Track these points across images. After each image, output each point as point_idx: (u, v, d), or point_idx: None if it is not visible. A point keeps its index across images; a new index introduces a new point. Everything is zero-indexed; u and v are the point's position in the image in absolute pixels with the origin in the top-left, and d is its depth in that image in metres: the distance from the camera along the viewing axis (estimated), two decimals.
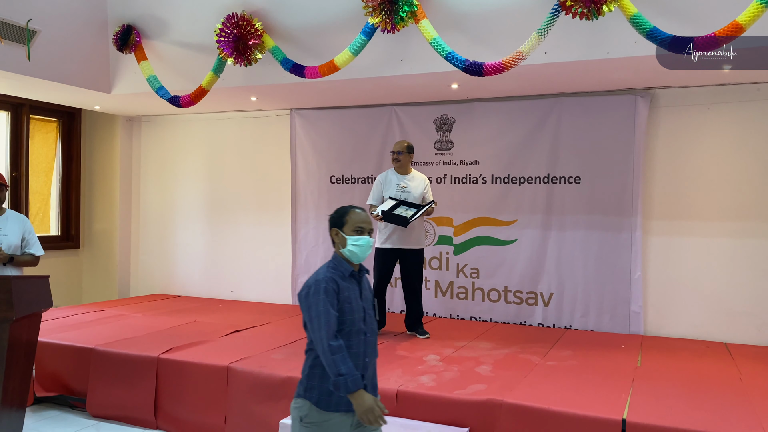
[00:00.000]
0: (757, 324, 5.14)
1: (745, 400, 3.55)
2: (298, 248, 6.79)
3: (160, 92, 5.57)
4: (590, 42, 4.35)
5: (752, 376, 4.12)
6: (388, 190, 5.14)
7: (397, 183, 5.14)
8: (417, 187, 5.15)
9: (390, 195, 5.09)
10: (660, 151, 5.46)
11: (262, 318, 5.89)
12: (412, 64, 4.90)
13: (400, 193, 5.09)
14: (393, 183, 5.16)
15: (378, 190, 5.20)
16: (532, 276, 5.82)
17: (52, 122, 7.35)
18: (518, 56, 4.15)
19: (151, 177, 7.66)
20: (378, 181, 5.24)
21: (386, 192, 5.14)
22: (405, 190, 5.11)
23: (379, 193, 5.19)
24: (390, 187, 5.14)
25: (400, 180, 5.16)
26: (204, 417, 4.17)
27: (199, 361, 4.30)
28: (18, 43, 5.07)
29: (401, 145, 5.21)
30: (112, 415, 4.45)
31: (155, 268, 7.61)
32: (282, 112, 6.87)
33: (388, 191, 5.13)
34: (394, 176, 5.20)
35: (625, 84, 5.30)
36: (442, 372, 4.07)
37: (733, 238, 5.23)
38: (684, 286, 5.38)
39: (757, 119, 5.16)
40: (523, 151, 5.84)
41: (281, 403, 3.91)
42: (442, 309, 6.15)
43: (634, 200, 5.44)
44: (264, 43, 5.06)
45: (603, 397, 3.55)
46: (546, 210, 5.77)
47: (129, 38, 5.62)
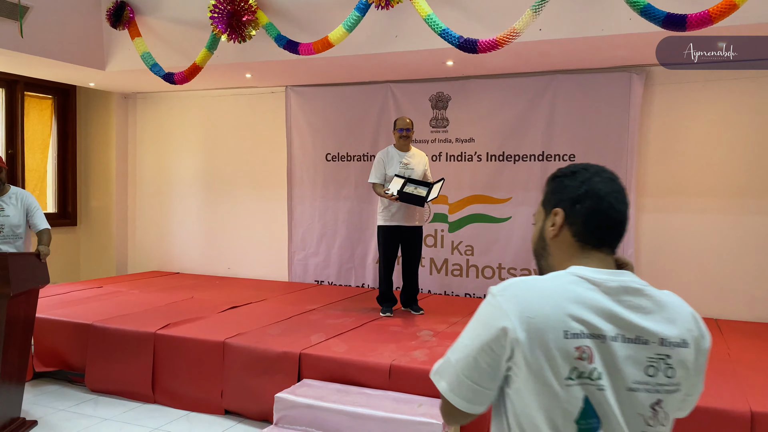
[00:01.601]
0: (747, 300, 5.20)
1: (732, 375, 3.62)
2: (294, 225, 6.82)
3: (154, 69, 5.55)
4: (585, 19, 4.34)
5: (740, 351, 4.19)
6: (390, 167, 5.03)
7: (399, 160, 5.03)
8: (419, 164, 5.09)
9: (395, 173, 5.00)
10: (654, 129, 5.47)
11: (258, 294, 5.95)
12: (407, 40, 4.88)
13: (404, 170, 4.99)
14: (395, 160, 5.03)
15: (380, 168, 5.06)
16: (526, 253, 5.87)
17: (47, 99, 7.32)
18: (512, 33, 4.15)
19: (147, 154, 7.66)
20: (379, 158, 5.11)
21: (389, 169, 5.03)
22: (408, 167, 5.01)
23: (381, 171, 5.06)
24: (392, 164, 5.03)
25: (402, 157, 5.05)
26: (201, 391, 4.24)
27: (195, 336, 4.36)
28: (10, 19, 5.04)
29: (408, 122, 5.08)
30: (110, 389, 4.53)
31: (152, 245, 7.66)
32: (277, 89, 6.85)
33: (391, 169, 5.02)
34: (396, 153, 5.08)
35: (621, 61, 5.29)
36: (435, 347, 4.13)
37: (725, 215, 5.27)
38: (676, 263, 5.43)
39: (750, 96, 5.17)
40: (518, 128, 5.85)
41: (277, 377, 3.98)
42: (436, 286, 6.21)
43: (628, 177, 5.46)
44: (258, 20, 5.04)
45: None
46: (540, 187, 5.77)
47: (122, 14, 5.58)
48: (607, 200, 1.26)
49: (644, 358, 1.16)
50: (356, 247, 6.51)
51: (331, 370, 3.91)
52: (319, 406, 3.53)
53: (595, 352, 1.14)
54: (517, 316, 1.15)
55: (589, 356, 1.14)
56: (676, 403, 1.20)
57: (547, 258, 1.32)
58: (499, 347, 1.17)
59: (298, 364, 3.98)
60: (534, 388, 1.14)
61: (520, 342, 1.14)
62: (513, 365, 1.16)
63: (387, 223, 5.06)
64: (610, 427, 1.14)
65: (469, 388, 1.20)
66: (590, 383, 1.14)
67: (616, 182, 1.29)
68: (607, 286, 1.18)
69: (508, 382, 1.18)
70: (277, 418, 3.64)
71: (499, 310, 1.18)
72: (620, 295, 1.19)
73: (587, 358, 1.14)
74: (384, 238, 5.10)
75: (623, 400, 1.15)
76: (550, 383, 1.13)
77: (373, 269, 6.38)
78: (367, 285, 6.44)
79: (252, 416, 4.08)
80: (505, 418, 1.20)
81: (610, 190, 1.27)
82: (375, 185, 5.08)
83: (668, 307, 1.22)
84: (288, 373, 3.98)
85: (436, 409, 3.43)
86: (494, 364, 1.18)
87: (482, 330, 1.20)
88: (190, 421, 4.11)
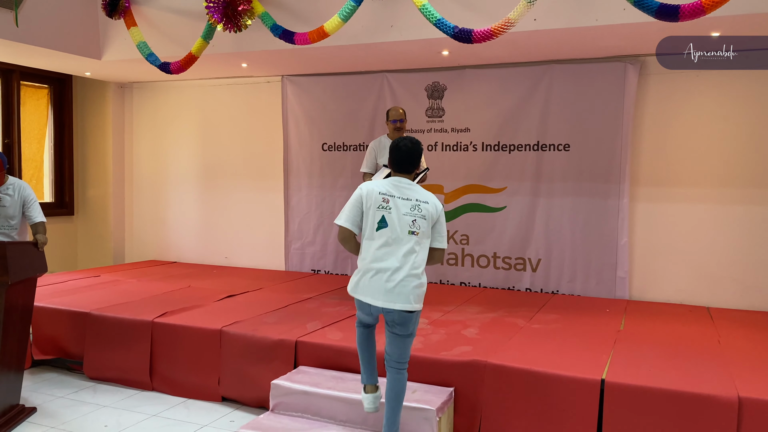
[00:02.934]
0: (739, 288, 5.26)
1: (721, 361, 3.68)
2: (290, 215, 6.86)
3: (150, 59, 5.56)
4: (579, 9, 4.36)
5: (730, 338, 4.25)
6: (382, 156, 5.10)
7: None
8: None
9: (384, 163, 5.09)
10: (648, 119, 5.51)
11: (255, 283, 5.99)
12: (403, 30, 4.90)
13: None
14: (388, 150, 5.11)
15: (372, 158, 5.15)
16: (520, 242, 5.92)
17: (43, 89, 7.32)
18: (507, 23, 4.16)
19: (144, 143, 7.67)
20: (372, 148, 5.20)
21: (380, 159, 5.11)
22: None
23: (372, 160, 5.15)
24: (384, 154, 5.09)
25: None
26: (198, 378, 4.29)
27: (193, 324, 4.40)
28: (6, 9, 5.04)
29: (401, 113, 5.11)
30: (108, 377, 4.57)
31: (149, 235, 7.69)
32: (273, 78, 6.86)
33: (383, 158, 5.10)
34: (389, 143, 5.16)
35: (615, 51, 5.31)
36: (430, 335, 4.18)
37: (718, 204, 5.32)
38: (669, 252, 5.48)
39: (743, 86, 5.20)
40: (513, 118, 5.87)
41: (273, 364, 4.03)
42: (432, 275, 6.25)
43: (622, 167, 5.50)
44: (253, 9, 5.04)
45: (584, 358, 3.67)
46: (535, 177, 5.84)
47: (118, 4, 5.58)
48: (400, 148, 3.22)
49: (409, 205, 3.13)
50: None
51: (326, 358, 3.96)
52: (315, 393, 3.58)
53: (390, 200, 3.13)
54: (364, 189, 3.17)
55: (386, 201, 3.13)
56: (426, 225, 3.13)
57: (391, 175, 3.30)
58: (359, 200, 3.17)
59: (294, 351, 4.03)
60: (370, 213, 3.14)
61: (364, 197, 3.16)
62: (364, 206, 3.16)
63: None
64: (393, 227, 3.10)
65: (351, 219, 3.16)
66: (386, 211, 3.12)
67: (410, 139, 3.25)
68: (395, 181, 3.21)
69: (366, 213, 3.15)
70: (274, 405, 3.69)
71: (358, 190, 3.19)
72: (400, 184, 3.19)
73: (386, 202, 3.13)
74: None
75: (399, 218, 3.11)
76: (373, 211, 3.13)
77: None
78: None
79: (249, 403, 4.13)
80: (366, 224, 3.16)
81: (404, 143, 3.22)
82: (365, 175, 5.14)
83: (422, 192, 3.20)
84: (284, 360, 4.03)
85: (430, 395, 3.49)
86: (358, 206, 3.17)
87: (353, 198, 3.19)
88: (187, 407, 4.16)
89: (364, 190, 3.17)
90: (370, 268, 3.11)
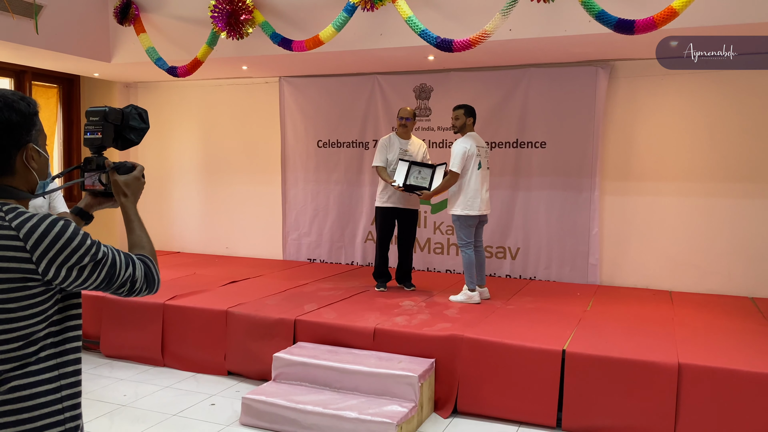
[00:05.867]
0: (698, 274, 5.76)
1: (670, 335, 4.16)
2: (288, 208, 7.31)
3: (158, 63, 5.98)
4: (549, 20, 4.81)
5: (684, 317, 4.74)
6: (391, 153, 5.47)
7: (400, 147, 5.48)
8: (417, 152, 5.55)
9: (394, 158, 5.41)
10: (618, 118, 5.98)
11: (255, 271, 6.44)
12: (391, 38, 5.34)
13: (404, 157, 5.41)
14: (396, 147, 5.48)
15: (383, 152, 5.49)
16: (501, 232, 6.39)
17: (53, 88, 7.72)
18: (484, 34, 4.62)
19: (149, 140, 8.04)
20: (382, 144, 5.55)
21: (390, 154, 5.45)
22: (407, 154, 5.47)
23: (384, 155, 5.48)
24: (393, 151, 5.48)
25: (403, 145, 5.51)
26: (206, 354, 4.75)
27: (201, 306, 4.86)
28: (26, 17, 5.46)
29: (410, 112, 5.50)
30: (123, 354, 5.03)
31: (154, 227, 8.10)
32: (272, 79, 7.29)
33: (392, 154, 5.45)
34: (397, 141, 5.52)
35: (586, 56, 5.78)
36: (415, 314, 4.65)
37: (680, 196, 5.81)
38: (636, 241, 5.97)
39: (704, 88, 5.68)
40: (494, 117, 6.33)
41: (274, 341, 4.49)
42: (420, 263, 6.72)
43: (594, 163, 5.98)
44: (254, 19, 5.48)
45: (550, 333, 4.15)
46: (515, 172, 6.31)
47: (128, 12, 6.00)
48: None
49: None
50: (346, 228, 7.02)
51: (322, 334, 4.42)
52: (312, 363, 4.04)
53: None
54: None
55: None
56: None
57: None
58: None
59: (293, 329, 4.49)
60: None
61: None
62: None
63: (384, 205, 5.53)
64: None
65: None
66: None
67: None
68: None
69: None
70: (275, 375, 4.15)
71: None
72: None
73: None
74: (381, 218, 5.58)
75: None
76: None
77: (362, 248, 6.90)
78: (356, 262, 6.96)
79: (252, 376, 4.60)
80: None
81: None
82: (379, 168, 5.50)
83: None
84: (284, 337, 4.49)
85: (413, 365, 3.95)
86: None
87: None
88: (197, 380, 4.62)
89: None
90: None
